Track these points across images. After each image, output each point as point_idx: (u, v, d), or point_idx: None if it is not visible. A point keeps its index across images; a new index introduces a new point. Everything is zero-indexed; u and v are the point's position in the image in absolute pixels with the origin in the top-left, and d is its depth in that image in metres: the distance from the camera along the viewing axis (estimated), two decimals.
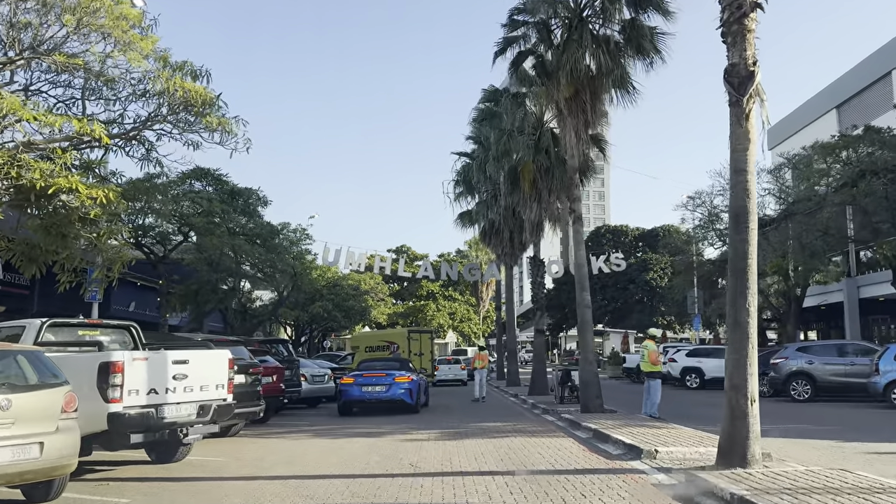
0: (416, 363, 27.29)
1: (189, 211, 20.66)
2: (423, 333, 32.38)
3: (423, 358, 29.69)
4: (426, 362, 29.74)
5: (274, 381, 15.56)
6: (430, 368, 30.23)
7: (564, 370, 18.66)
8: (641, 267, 68.40)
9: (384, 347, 31.30)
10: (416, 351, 29.94)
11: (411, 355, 29.00)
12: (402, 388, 17.55)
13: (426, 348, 30.66)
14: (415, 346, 30.51)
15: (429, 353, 30.72)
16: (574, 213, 16.48)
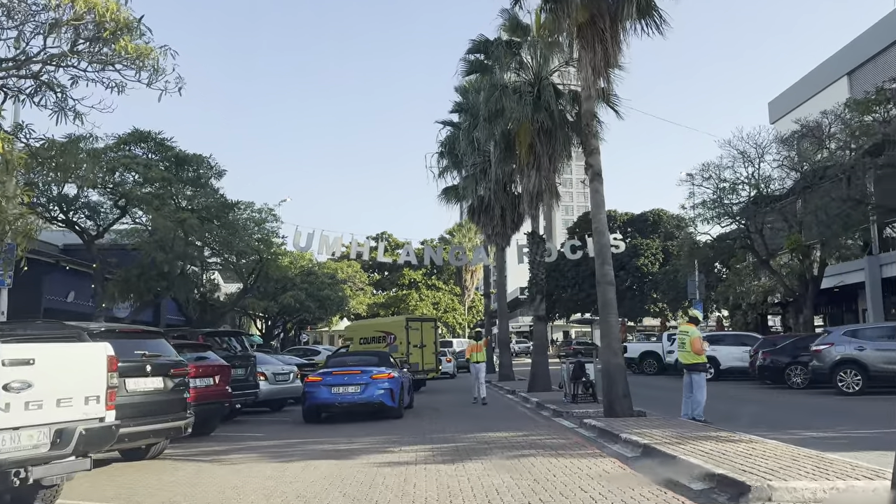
0: (417, 356, 24.37)
1: (122, 179, 17.13)
2: (426, 322, 26.98)
3: (426, 350, 25.24)
4: (429, 355, 25.31)
5: (216, 383, 12.21)
6: (435, 363, 25.62)
7: (577, 362, 15.50)
8: (632, 253, 65.63)
9: (380, 339, 26.36)
10: (416, 342, 25.26)
11: (410, 347, 24.78)
12: (381, 387, 14.32)
13: (429, 339, 25.78)
14: (415, 336, 25.53)
15: (432, 344, 25.64)
16: (592, 169, 13.26)
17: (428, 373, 24.71)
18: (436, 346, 25.85)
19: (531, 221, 21.04)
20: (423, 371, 24.26)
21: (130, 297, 20.45)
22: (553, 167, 20.84)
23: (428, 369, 24.76)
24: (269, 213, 29.26)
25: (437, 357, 25.86)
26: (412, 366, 22.92)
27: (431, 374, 25.13)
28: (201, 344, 13.02)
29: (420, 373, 23.68)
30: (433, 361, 25.46)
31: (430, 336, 25.69)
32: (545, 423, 13.00)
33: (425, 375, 24.43)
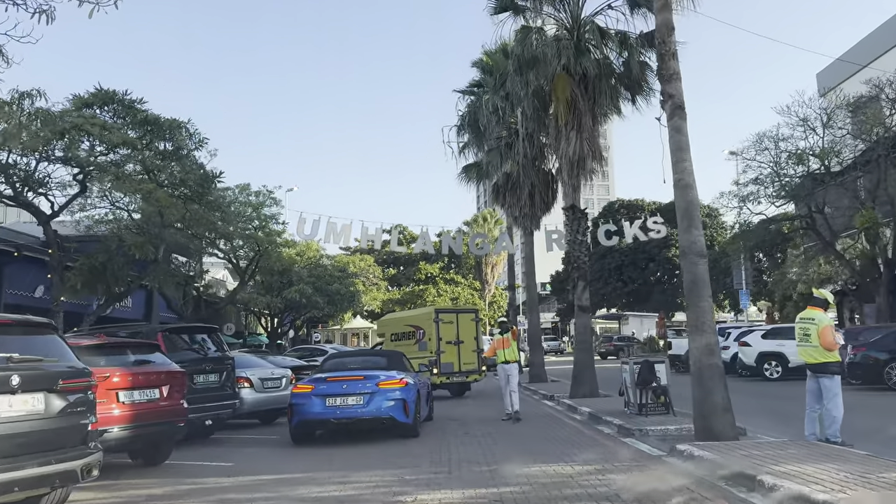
0: (451, 355, 19.88)
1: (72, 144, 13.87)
2: (463, 313, 21.42)
3: (464, 348, 20.16)
4: (468, 354, 20.22)
5: (164, 396, 8.89)
6: (477, 363, 20.49)
7: (645, 362, 12.01)
8: (661, 244, 61.79)
9: (410, 335, 21.42)
10: (449, 338, 19.98)
11: (442, 344, 19.80)
12: (391, 397, 10.94)
13: (467, 333, 20.43)
14: (447, 330, 20.00)
15: (472, 340, 20.53)
16: (672, 100, 9.77)
17: (468, 375, 20.31)
18: (477, 343, 20.81)
19: (570, 194, 17.56)
20: (461, 373, 20.08)
21: (98, 289, 17.25)
22: (597, 127, 17.44)
23: (468, 370, 20.28)
24: (267, 196, 26.11)
25: (481, 356, 20.64)
26: (444, 367, 19.37)
27: (473, 378, 20.62)
28: (146, 344, 9.71)
29: (456, 375, 19.91)
30: (475, 361, 20.48)
31: (470, 330, 20.76)
32: (613, 446, 9.56)
33: (465, 378, 20.27)
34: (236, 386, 13.49)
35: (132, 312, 27.40)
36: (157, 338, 11.35)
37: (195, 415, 11.20)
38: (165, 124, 15.94)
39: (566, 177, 16.91)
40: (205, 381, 11.70)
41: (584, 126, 16.75)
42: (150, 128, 15.69)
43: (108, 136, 14.35)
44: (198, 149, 17.13)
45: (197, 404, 11.28)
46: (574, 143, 16.64)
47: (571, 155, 16.64)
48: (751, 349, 23.03)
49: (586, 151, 16.79)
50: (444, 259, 58.57)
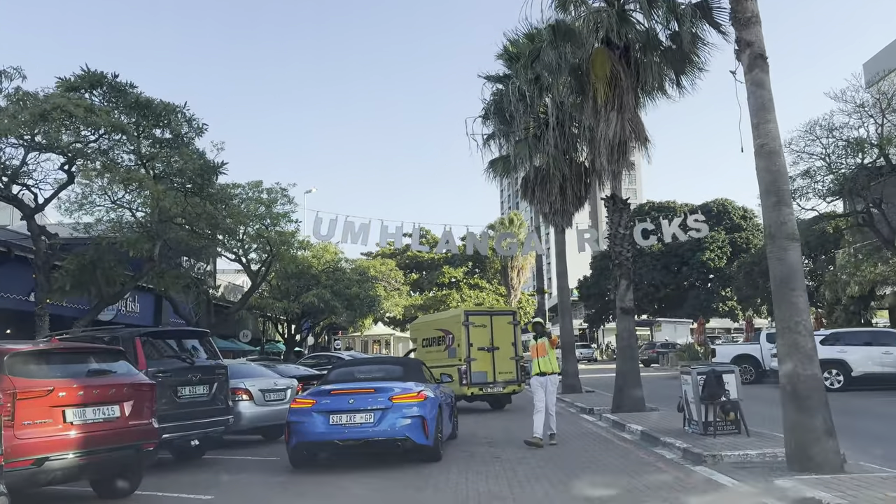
0: (484, 363, 17.15)
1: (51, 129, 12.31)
2: (498, 315, 18.37)
3: (500, 356, 17.34)
4: (504, 362, 17.41)
5: (125, 415, 7.18)
6: (516, 373, 17.65)
7: (712, 373, 10.06)
8: (695, 246, 59.37)
9: (439, 340, 18.61)
10: (481, 344, 17.25)
11: (473, 351, 17.11)
12: (407, 414, 9.14)
13: (503, 339, 17.56)
14: (479, 335, 17.23)
15: (509, 346, 17.66)
16: (750, 49, 7.88)
17: (505, 386, 17.45)
18: (515, 350, 17.86)
19: (610, 182, 15.66)
20: (496, 383, 17.27)
21: (91, 290, 15.71)
22: (640, 106, 15.58)
23: (505, 381, 17.40)
24: (280, 194, 24.49)
25: (520, 365, 17.82)
26: (475, 376, 16.99)
27: (512, 389, 17.70)
28: (108, 350, 8.00)
29: (490, 386, 17.19)
30: (513, 370, 17.61)
31: (506, 335, 17.85)
32: (685, 478, 7.64)
33: (501, 390, 17.42)
34: (233, 398, 11.84)
35: (140, 318, 25.98)
36: (135, 343, 9.70)
37: (177, 434, 9.61)
38: (159, 108, 14.35)
39: (605, 163, 14.99)
40: (191, 393, 10.01)
41: (626, 105, 14.88)
42: (142, 112, 14.11)
43: (94, 120, 12.80)
44: (198, 136, 15.51)
45: (181, 421, 9.68)
46: (615, 125, 14.76)
47: (612, 138, 14.75)
48: None
49: (628, 133, 14.92)
50: (469, 264, 56.75)
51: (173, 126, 14.71)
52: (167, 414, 9.51)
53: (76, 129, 13.09)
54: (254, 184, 24.25)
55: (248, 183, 24.14)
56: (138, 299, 26.18)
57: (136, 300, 26.00)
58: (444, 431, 10.47)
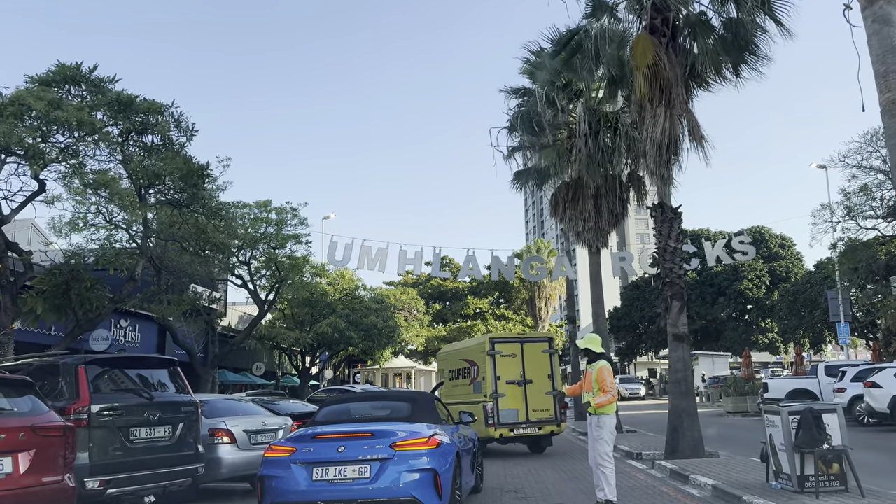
0: (515, 401, 14.55)
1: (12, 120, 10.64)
2: (531, 343, 15.53)
3: (534, 390, 14.75)
4: (541, 400, 14.76)
5: (18, 472, 5.20)
6: (555, 412, 14.90)
7: (809, 411, 7.81)
8: (731, 276, 56.62)
9: (465, 372, 16.14)
10: (511, 377, 14.75)
11: (501, 385, 14.62)
12: (415, 467, 6.96)
13: (539, 371, 14.98)
14: (508, 367, 14.74)
15: (546, 380, 14.94)
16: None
17: (541, 427, 14.67)
18: (553, 383, 14.98)
19: (658, 188, 13.55)
20: (530, 423, 14.53)
21: (66, 313, 13.89)
22: (691, 100, 13.57)
23: (540, 420, 14.63)
24: (292, 214, 22.78)
25: (559, 401, 14.89)
26: (504, 415, 14.33)
27: (550, 430, 14.87)
28: (11, 381, 6.03)
29: (521, 426, 14.48)
30: (550, 408, 14.83)
31: (542, 366, 15.07)
32: None
33: (536, 431, 14.69)
34: (211, 441, 9.86)
35: (141, 349, 24.22)
36: (77, 372, 7.76)
37: (125, 489, 7.59)
38: (141, 107, 12.65)
39: (653, 165, 12.94)
40: (148, 436, 8.01)
41: (675, 99, 12.87)
42: (120, 110, 12.41)
43: (59, 115, 11.13)
44: (188, 140, 13.76)
45: (132, 472, 7.68)
46: (662, 121, 12.76)
47: (660, 136, 12.73)
48: (882, 392, 18.35)
49: (678, 131, 12.90)
50: (494, 294, 54.54)
51: (159, 127, 12.94)
52: (114, 463, 7.57)
53: (36, 126, 11.37)
54: (262, 203, 22.64)
55: (256, 202, 22.56)
56: (139, 328, 24.46)
57: (136, 329, 24.29)
58: (465, 485, 8.29)
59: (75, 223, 16.18)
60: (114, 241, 16.91)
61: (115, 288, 14.60)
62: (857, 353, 52.78)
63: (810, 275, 44.68)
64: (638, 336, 60.57)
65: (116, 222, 15.82)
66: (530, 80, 21.49)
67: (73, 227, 16.25)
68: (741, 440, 15.75)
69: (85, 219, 16.13)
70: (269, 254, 21.67)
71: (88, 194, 14.57)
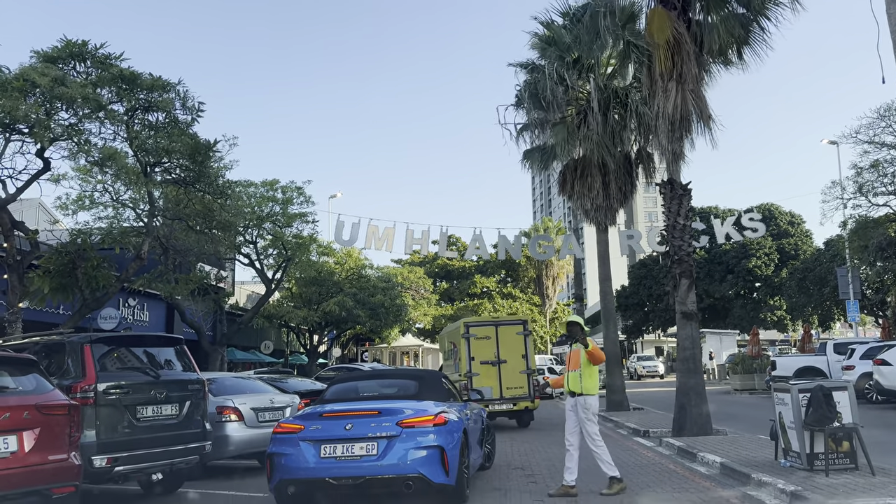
0: (489, 379, 15.61)
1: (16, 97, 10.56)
2: (506, 326, 16.61)
3: (508, 370, 15.90)
4: (515, 378, 15.90)
5: (23, 450, 5.20)
6: (528, 390, 15.95)
7: (819, 390, 7.73)
8: (740, 254, 56.31)
9: (451, 353, 17.56)
10: (485, 357, 15.91)
11: (475, 365, 15.84)
12: (422, 444, 6.98)
13: (513, 352, 16.10)
14: (482, 348, 15.89)
15: (520, 360, 16.10)
16: None
17: (516, 403, 15.87)
18: (527, 363, 16.14)
19: (669, 166, 13.36)
20: (503, 399, 15.75)
21: (74, 293, 13.90)
22: (703, 77, 13.33)
23: (514, 397, 15.84)
24: (297, 192, 22.70)
25: (532, 380, 16.11)
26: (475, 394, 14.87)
27: (524, 405, 16.03)
28: (14, 360, 6.00)
29: (496, 402, 15.58)
30: (524, 385, 15.92)
31: (516, 347, 16.22)
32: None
33: (511, 406, 15.88)
34: (219, 419, 9.90)
35: (149, 328, 24.35)
36: (83, 351, 7.76)
37: (134, 467, 7.62)
38: (145, 83, 12.53)
39: (664, 141, 12.75)
40: (155, 414, 8.02)
41: (687, 75, 12.67)
42: (124, 86, 12.31)
43: (64, 92, 11.03)
44: (195, 118, 13.65)
45: (139, 449, 7.70)
46: (674, 97, 12.58)
47: (671, 112, 12.55)
48: (891, 369, 18.21)
49: (691, 107, 12.71)
50: (501, 272, 54.48)
51: (163, 104, 12.82)
52: (121, 441, 7.58)
53: (41, 103, 11.28)
54: (268, 182, 22.57)
55: (263, 182, 22.48)
56: (148, 307, 24.58)
57: (145, 308, 24.41)
58: (474, 461, 8.30)
59: (82, 201, 16.22)
60: (120, 219, 16.97)
61: (122, 267, 14.62)
62: (866, 330, 52.64)
63: (820, 252, 44.40)
64: (645, 314, 60.46)
65: (123, 201, 15.86)
66: (539, 55, 21.17)
67: (79, 205, 16.30)
68: (749, 418, 15.72)
69: (91, 197, 16.18)
70: (275, 232, 21.67)
71: (94, 172, 14.59)
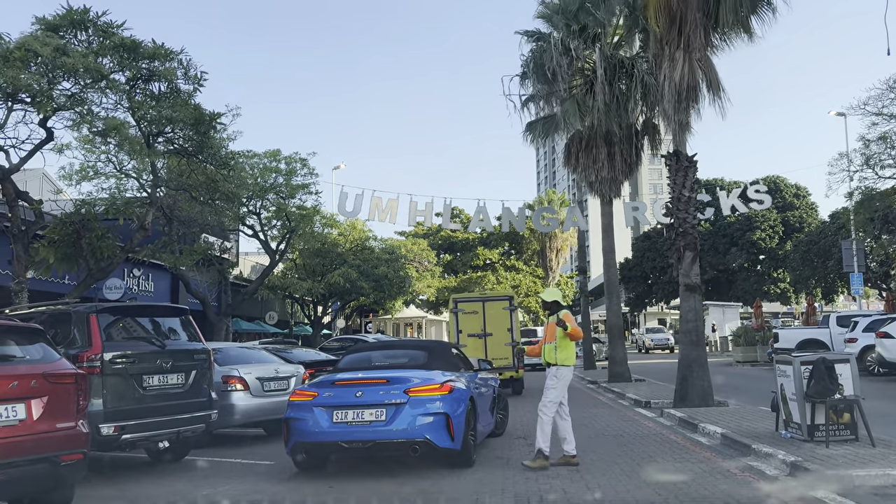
0: (476, 351, 16.11)
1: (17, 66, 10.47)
2: (492, 302, 17.71)
3: (493, 342, 16.87)
4: (500, 349, 16.74)
5: (32, 418, 5.25)
6: (512, 360, 16.81)
7: (821, 362, 7.75)
8: (745, 226, 56.12)
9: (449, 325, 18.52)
10: (473, 331, 16.99)
11: (463, 338, 16.93)
12: (428, 410, 7.30)
13: (499, 326, 16.97)
14: (470, 322, 16.89)
15: (506, 333, 17.00)
16: None
17: (501, 373, 15.83)
18: (512, 336, 17.02)
19: (676, 136, 13.26)
20: None
21: (78, 263, 13.95)
22: (710, 45, 13.16)
23: (500, 368, 16.06)
24: (301, 164, 22.63)
25: (517, 351, 16.87)
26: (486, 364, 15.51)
27: (509, 375, 16.58)
28: (21, 329, 6.04)
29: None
30: (508, 356, 16.73)
31: (502, 321, 17.04)
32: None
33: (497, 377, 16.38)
34: (224, 388, 10.00)
35: (154, 297, 24.45)
36: (89, 321, 7.81)
37: (140, 435, 7.72)
38: (147, 51, 12.42)
39: (671, 111, 12.62)
40: (161, 383, 8.09)
41: (694, 43, 12.52)
42: (125, 55, 12.20)
43: (66, 61, 10.95)
44: (196, 88, 13.55)
45: (146, 418, 7.79)
46: (681, 66, 12.45)
47: (678, 81, 12.42)
48: (894, 342, 18.27)
49: (698, 77, 12.58)
50: (505, 245, 54.48)
51: (165, 74, 12.72)
52: (128, 409, 7.68)
53: (43, 72, 11.20)
54: (271, 153, 22.49)
55: (266, 152, 22.41)
56: (153, 277, 24.67)
57: (149, 278, 24.50)
58: (483, 428, 8.64)
59: (85, 172, 16.21)
60: (123, 189, 16.96)
61: (126, 237, 14.65)
62: (870, 303, 52.64)
63: (825, 225, 44.25)
64: (649, 287, 60.51)
65: (126, 171, 15.83)
66: (546, 24, 20.90)
67: (83, 175, 16.29)
68: (751, 389, 15.83)
69: (95, 167, 16.16)
70: (279, 204, 21.66)
71: (97, 142, 14.54)
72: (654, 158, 22.94)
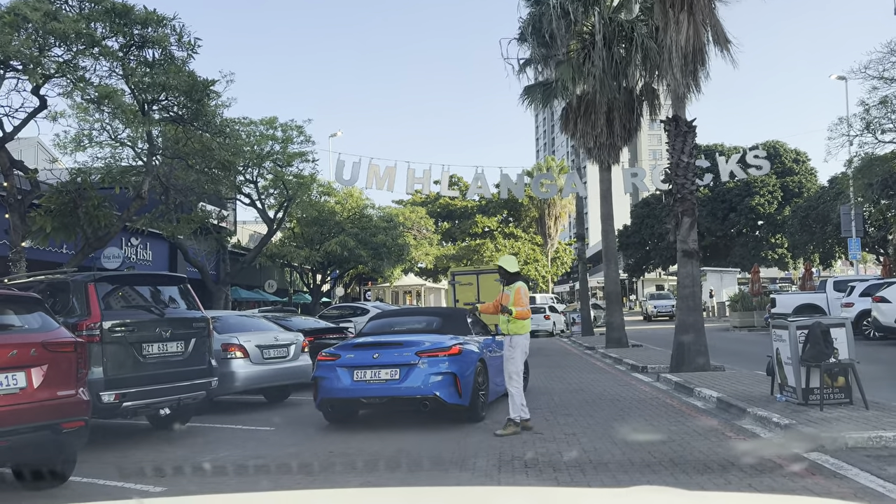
0: None
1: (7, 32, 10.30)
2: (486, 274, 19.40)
3: None
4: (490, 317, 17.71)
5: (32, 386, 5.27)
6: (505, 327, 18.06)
7: (817, 326, 7.79)
8: (744, 191, 56.00)
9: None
10: (467, 300, 18.63)
11: (459, 305, 18.52)
12: (437, 370, 8.04)
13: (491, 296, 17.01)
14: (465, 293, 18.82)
15: None
16: None
17: None
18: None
19: (676, 101, 13.14)
20: None
21: (76, 232, 13.92)
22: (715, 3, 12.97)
23: None
24: (297, 131, 22.46)
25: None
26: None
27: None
28: (19, 298, 6.04)
29: None
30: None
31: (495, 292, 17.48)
32: (813, 480, 5.52)
33: None
34: (224, 356, 10.06)
35: (152, 266, 24.45)
36: (87, 290, 7.81)
37: (141, 402, 7.79)
38: (139, 17, 12.23)
39: (679, 76, 12.44)
40: (161, 351, 8.13)
41: (699, 4, 12.34)
42: (117, 20, 12.01)
43: (56, 27, 10.78)
44: (190, 54, 13.37)
45: (146, 385, 7.84)
46: (686, 29, 12.27)
47: (684, 44, 12.25)
48: (890, 306, 18.38)
49: (704, 38, 12.44)
50: (503, 212, 54.36)
51: (158, 40, 12.54)
52: (128, 377, 7.72)
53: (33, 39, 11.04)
54: (267, 120, 22.30)
55: (262, 119, 22.22)
56: (150, 246, 24.63)
57: (147, 247, 24.46)
58: (494, 388, 9.11)
59: (80, 140, 16.08)
60: (119, 158, 16.86)
61: (123, 206, 14.60)
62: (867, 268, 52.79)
63: (823, 190, 44.15)
64: (647, 253, 60.61)
65: (122, 139, 15.71)
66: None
67: (77, 144, 16.16)
68: (747, 354, 15.92)
69: (90, 136, 16.03)
70: (275, 172, 21.55)
71: (92, 111, 14.41)
72: (653, 124, 22.81)
